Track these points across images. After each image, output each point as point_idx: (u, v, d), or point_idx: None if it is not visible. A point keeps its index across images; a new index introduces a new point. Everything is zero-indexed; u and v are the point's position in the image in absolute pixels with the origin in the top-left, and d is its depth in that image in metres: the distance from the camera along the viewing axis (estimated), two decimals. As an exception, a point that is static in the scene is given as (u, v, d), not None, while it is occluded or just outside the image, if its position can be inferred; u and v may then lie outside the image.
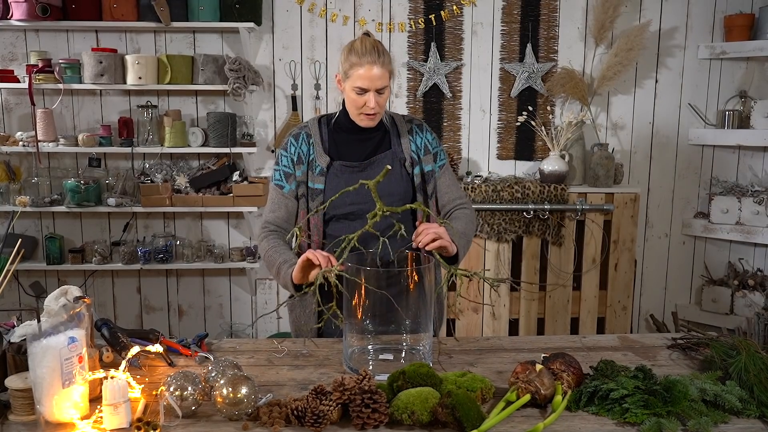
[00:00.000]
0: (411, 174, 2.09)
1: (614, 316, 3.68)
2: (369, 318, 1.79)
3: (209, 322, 3.97)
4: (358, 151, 2.07)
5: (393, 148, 2.08)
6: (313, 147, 2.07)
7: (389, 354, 1.84)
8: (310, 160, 2.06)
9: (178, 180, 3.60)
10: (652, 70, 3.81)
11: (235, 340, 2.03)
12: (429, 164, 2.12)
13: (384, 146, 2.09)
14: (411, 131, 2.13)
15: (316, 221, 2.06)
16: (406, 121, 2.14)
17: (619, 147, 3.85)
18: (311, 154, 2.07)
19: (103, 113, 3.72)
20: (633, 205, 3.59)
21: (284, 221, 2.08)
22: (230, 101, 3.73)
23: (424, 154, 2.11)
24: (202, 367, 1.73)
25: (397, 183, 2.06)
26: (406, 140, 2.09)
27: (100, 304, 3.90)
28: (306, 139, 2.08)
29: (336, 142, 2.10)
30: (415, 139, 2.11)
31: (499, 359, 1.88)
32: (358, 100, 1.95)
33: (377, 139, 2.09)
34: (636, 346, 2.01)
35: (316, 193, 2.05)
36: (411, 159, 2.08)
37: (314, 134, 2.08)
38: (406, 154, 2.09)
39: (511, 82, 3.79)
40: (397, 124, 2.12)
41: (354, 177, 2.01)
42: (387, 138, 2.10)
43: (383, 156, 2.07)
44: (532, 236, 3.57)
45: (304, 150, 2.07)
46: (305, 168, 2.06)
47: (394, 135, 2.10)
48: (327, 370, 1.79)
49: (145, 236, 3.80)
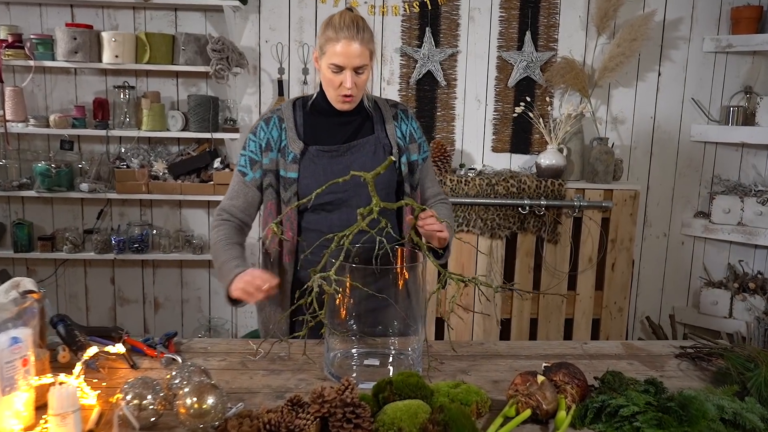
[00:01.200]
0: (398, 163, 1.93)
1: (610, 318, 3.54)
2: (354, 318, 1.64)
3: (187, 315, 3.79)
4: (336, 135, 1.91)
5: (376, 134, 1.93)
6: (285, 132, 1.89)
7: (375, 359, 1.68)
8: (282, 146, 1.89)
9: (156, 166, 3.41)
10: (654, 63, 3.66)
11: (207, 340, 1.86)
12: (414, 154, 1.97)
13: (365, 131, 1.93)
14: (396, 117, 1.98)
15: (290, 213, 1.89)
16: (391, 106, 1.99)
17: (618, 142, 3.70)
18: (283, 140, 1.89)
19: (77, 93, 3.51)
20: (632, 203, 3.44)
21: (240, 211, 1.93)
22: (213, 84, 3.54)
23: (410, 143, 1.97)
24: (168, 371, 1.56)
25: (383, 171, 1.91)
26: (390, 126, 1.95)
27: (71, 295, 3.70)
28: (277, 124, 1.90)
29: (312, 126, 1.92)
30: (400, 125, 1.97)
31: (495, 367, 1.73)
32: (334, 79, 1.79)
33: (358, 122, 1.93)
34: (641, 354, 1.86)
35: (289, 182, 1.88)
36: (398, 146, 1.93)
37: (287, 118, 1.91)
38: (391, 141, 1.93)
39: (508, 72, 3.62)
40: (381, 109, 1.97)
41: (332, 163, 1.86)
42: (369, 122, 1.94)
43: (365, 141, 1.91)
44: (526, 233, 3.41)
45: (274, 135, 1.90)
46: (275, 155, 1.89)
47: (377, 120, 1.95)
48: (306, 377, 1.62)
49: (119, 224, 3.61)
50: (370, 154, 1.90)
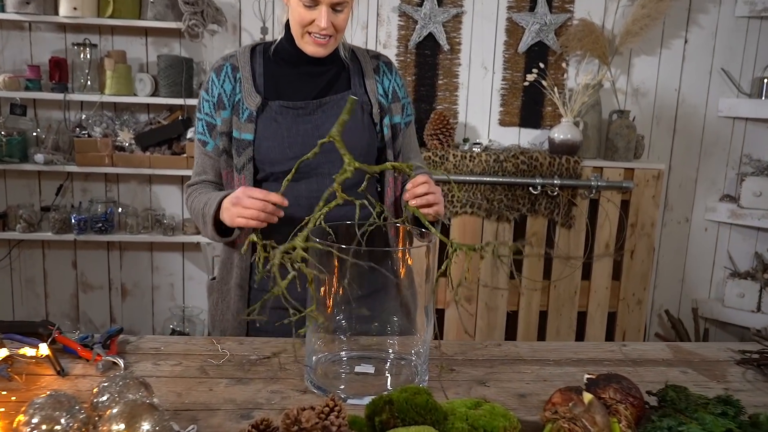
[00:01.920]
0: (379, 125, 1.60)
1: (627, 311, 3.19)
2: (342, 312, 1.28)
3: (158, 304, 3.41)
4: (305, 89, 1.56)
5: (353, 89, 1.59)
6: (240, 84, 1.54)
7: (369, 365, 1.32)
8: (235, 101, 1.54)
9: (121, 135, 3.01)
10: (681, 29, 3.29)
11: (161, 339, 1.49)
12: (397, 115, 1.64)
13: (340, 85, 1.59)
14: (378, 70, 1.63)
15: (242, 182, 1.54)
16: (372, 57, 1.65)
17: (638, 117, 3.34)
18: (237, 94, 1.54)
19: (32, 52, 3.10)
20: (656, 184, 3.09)
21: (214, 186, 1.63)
22: (187, 45, 3.14)
23: (392, 101, 1.63)
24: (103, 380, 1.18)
25: (359, 133, 1.56)
26: (371, 80, 1.61)
27: (27, 280, 3.32)
28: (230, 75, 1.55)
29: (275, 76, 1.57)
30: (382, 80, 1.63)
31: (518, 375, 1.38)
32: (305, 15, 1.46)
33: (331, 75, 1.58)
34: (694, 360, 1.52)
35: (243, 146, 1.53)
36: (379, 105, 1.60)
37: (242, 67, 1.55)
38: (371, 98, 1.59)
39: (518, 36, 3.24)
40: (360, 60, 1.63)
41: (299, 122, 1.53)
42: (345, 75, 1.61)
43: (339, 97, 1.56)
44: (537, 215, 3.05)
45: (227, 89, 1.55)
46: (228, 114, 1.54)
47: (355, 72, 1.61)
48: (281, 388, 1.26)
49: (81, 201, 3.21)
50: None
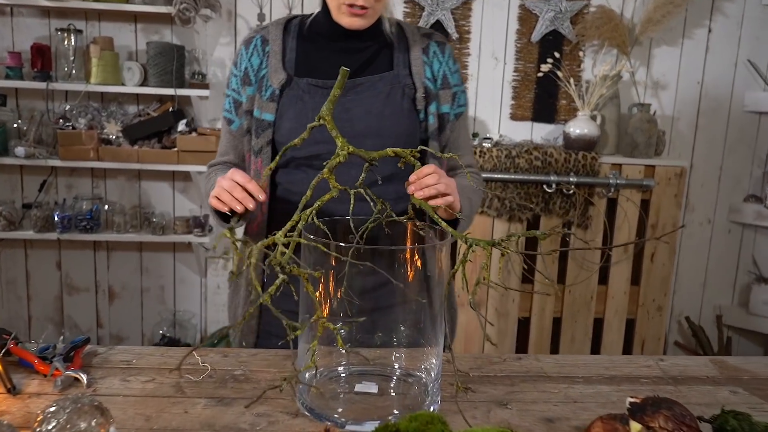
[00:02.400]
0: (424, 112, 1.39)
1: (647, 318, 2.99)
2: (341, 321, 1.08)
3: (147, 308, 3.22)
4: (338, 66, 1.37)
5: (396, 70, 1.39)
6: (268, 59, 1.37)
7: (372, 383, 1.13)
8: (260, 77, 1.37)
9: (108, 127, 2.82)
10: (705, 18, 3.09)
11: (134, 350, 1.30)
12: (446, 104, 1.42)
13: (381, 65, 1.40)
14: (427, 51, 1.42)
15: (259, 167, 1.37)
16: (423, 35, 1.43)
17: (659, 111, 3.14)
18: (263, 69, 1.37)
19: (14, 38, 2.92)
20: (678, 182, 2.89)
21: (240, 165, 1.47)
22: (179, 32, 2.95)
23: (441, 88, 1.41)
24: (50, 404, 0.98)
25: (396, 120, 1.37)
26: (418, 61, 1.40)
27: (8, 281, 3.12)
28: (259, 48, 1.39)
29: (306, 52, 1.39)
30: (431, 62, 1.41)
31: (544, 395, 1.18)
32: None
33: (371, 52, 1.40)
34: (743, 377, 1.33)
35: (263, 127, 1.36)
36: (424, 90, 1.38)
37: (272, 40, 1.38)
38: (416, 82, 1.38)
39: (532, 24, 3.05)
40: (408, 37, 1.43)
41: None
42: (387, 54, 1.41)
43: (378, 78, 1.37)
44: (552, 215, 2.85)
45: (254, 63, 1.38)
46: (254, 90, 1.37)
47: (400, 52, 1.41)
48: (269, 410, 1.07)
49: (65, 198, 3.02)
50: (382, 96, 1.36)
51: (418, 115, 1.39)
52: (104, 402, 1.06)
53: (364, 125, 1.34)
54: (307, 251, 1.04)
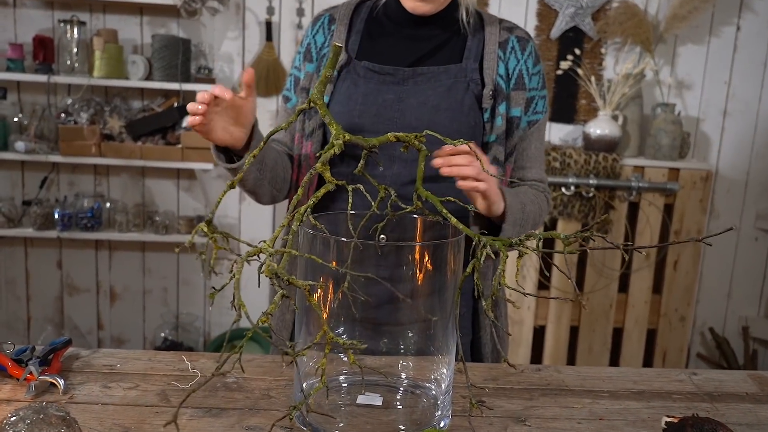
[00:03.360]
0: (490, 111, 1.26)
1: (669, 329, 2.85)
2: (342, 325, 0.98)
3: (149, 310, 3.12)
4: (401, 53, 1.28)
5: (465, 63, 1.28)
6: (332, 37, 1.30)
7: (376, 395, 1.01)
8: (322, 56, 1.32)
9: (110, 123, 2.73)
10: (733, 15, 2.96)
11: (119, 353, 1.19)
12: (518, 107, 1.29)
13: (449, 56, 1.28)
14: (505, 45, 1.30)
15: (308, 150, 1.30)
16: (504, 28, 1.31)
17: (684, 112, 3.01)
18: (326, 48, 1.30)
19: (17, 30, 2.84)
20: (704, 187, 2.76)
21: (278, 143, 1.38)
22: (185, 25, 2.87)
23: (515, 88, 1.28)
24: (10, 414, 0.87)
25: (453, 115, 1.25)
26: (492, 55, 1.28)
27: (8, 281, 3.04)
28: (326, 26, 1.33)
29: (372, 35, 1.31)
30: (507, 58, 1.29)
31: (566, 411, 1.06)
32: None
33: (440, 40, 1.29)
34: (787, 393, 1.19)
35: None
36: (494, 87, 1.26)
37: (340, 19, 1.33)
38: (485, 78, 1.26)
39: (551, 20, 2.93)
40: (485, 28, 1.31)
41: (383, 90, 1.25)
42: (459, 44, 1.29)
43: (442, 70, 1.26)
44: (570, 219, 2.73)
45: (318, 41, 1.32)
46: (314, 69, 1.32)
47: (474, 42, 1.29)
48: (261, 422, 0.97)
49: (66, 195, 2.94)
50: (443, 89, 1.25)
51: (483, 114, 1.26)
52: (80, 411, 0.96)
53: (416, 118, 1.23)
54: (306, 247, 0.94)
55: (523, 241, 0.97)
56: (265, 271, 0.86)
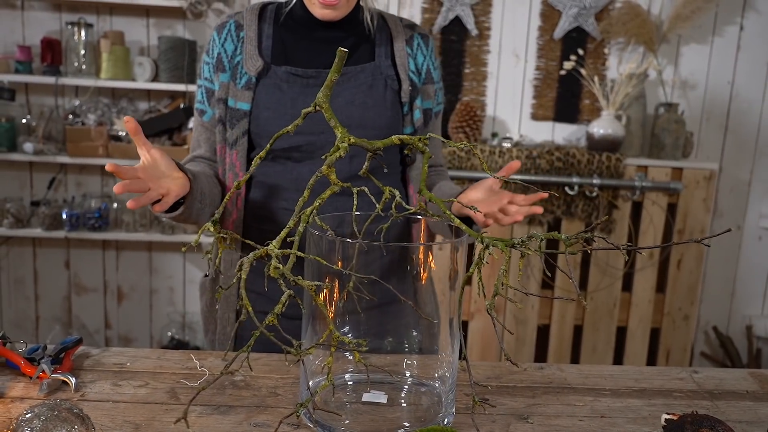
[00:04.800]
0: (409, 105, 1.33)
1: (672, 327, 2.86)
2: (348, 325, 1.01)
3: (156, 309, 3.15)
4: (318, 56, 1.31)
5: (377, 61, 1.34)
6: (243, 45, 1.30)
7: (380, 393, 1.03)
8: (235, 64, 1.29)
9: (118, 124, 2.76)
10: (736, 14, 2.97)
11: (129, 352, 1.21)
12: (429, 100, 1.38)
13: (362, 56, 1.34)
14: (411, 42, 1.37)
15: (233, 160, 1.30)
16: (406, 26, 1.38)
17: (687, 112, 3.02)
18: (238, 56, 1.30)
19: (25, 33, 2.87)
20: (707, 186, 2.76)
21: (202, 159, 1.38)
22: (191, 27, 2.89)
23: (425, 82, 1.37)
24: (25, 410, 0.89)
25: (379, 111, 1.31)
26: (401, 53, 1.36)
27: (16, 280, 3.07)
28: (233, 33, 1.32)
29: (284, 40, 1.33)
30: (415, 54, 1.36)
31: (569, 409, 1.08)
32: None
33: (350, 43, 1.34)
34: (786, 391, 1.21)
35: (238, 116, 1.28)
36: (410, 83, 1.34)
37: (247, 26, 1.31)
38: (400, 73, 1.33)
39: (554, 20, 2.94)
40: (390, 28, 1.38)
41: (307, 92, 1.28)
42: (368, 45, 1.35)
43: (359, 69, 1.31)
44: (573, 219, 2.74)
45: (228, 50, 1.30)
46: (228, 78, 1.29)
47: (381, 42, 1.36)
48: (269, 419, 0.98)
49: (74, 196, 2.96)
50: (365, 87, 1.31)
51: (402, 108, 1.33)
52: (92, 408, 0.98)
53: (346, 116, 1.27)
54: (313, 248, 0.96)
55: (525, 242, 0.98)
56: (271, 271, 0.88)
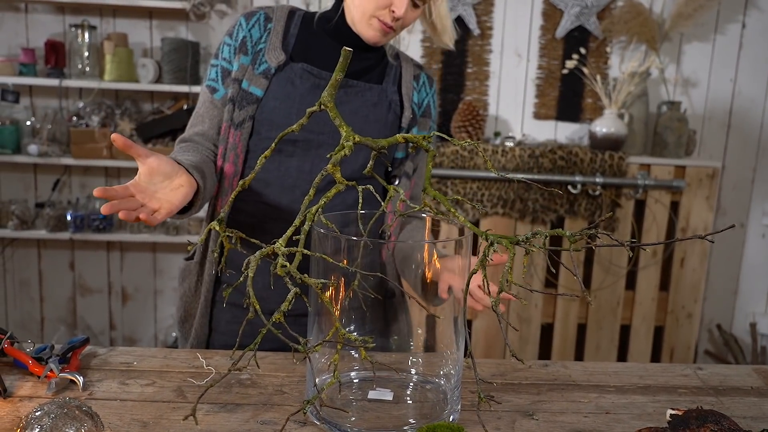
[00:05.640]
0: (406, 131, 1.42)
1: (676, 326, 2.86)
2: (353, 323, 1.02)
3: (161, 309, 3.16)
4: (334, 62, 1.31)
5: (385, 85, 1.41)
6: (269, 35, 1.34)
7: (386, 390, 1.04)
8: (257, 50, 1.35)
9: (121, 125, 2.77)
10: (738, 12, 2.97)
11: (135, 351, 1.22)
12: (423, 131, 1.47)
13: (374, 76, 1.41)
14: (418, 79, 1.46)
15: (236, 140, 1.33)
16: (414, 65, 1.49)
17: (689, 110, 3.02)
18: (261, 44, 1.34)
19: (29, 35, 2.88)
20: (710, 184, 2.76)
21: (207, 139, 1.37)
22: (194, 29, 2.90)
23: (423, 115, 1.45)
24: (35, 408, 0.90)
25: (378, 128, 1.38)
26: (408, 84, 1.44)
27: (21, 282, 3.08)
28: (262, 23, 1.37)
29: (307, 41, 1.37)
30: (419, 89, 1.46)
31: (573, 405, 1.08)
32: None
33: (369, 63, 1.40)
34: (791, 387, 1.21)
35: (249, 100, 1.32)
36: (412, 112, 1.41)
37: (276, 20, 1.37)
38: (404, 101, 1.40)
39: (556, 20, 2.95)
40: (402, 63, 1.46)
41: (317, 92, 1.32)
42: (380, 70, 1.42)
43: (369, 87, 1.38)
44: (577, 218, 2.75)
45: (254, 35, 1.36)
46: (247, 60, 1.34)
47: (392, 72, 1.43)
48: (275, 416, 0.99)
49: (78, 197, 2.98)
50: (370, 104, 1.37)
51: (399, 131, 1.40)
52: (100, 406, 0.99)
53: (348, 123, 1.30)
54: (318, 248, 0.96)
55: (530, 239, 0.99)
56: (278, 269, 0.89)
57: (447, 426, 0.81)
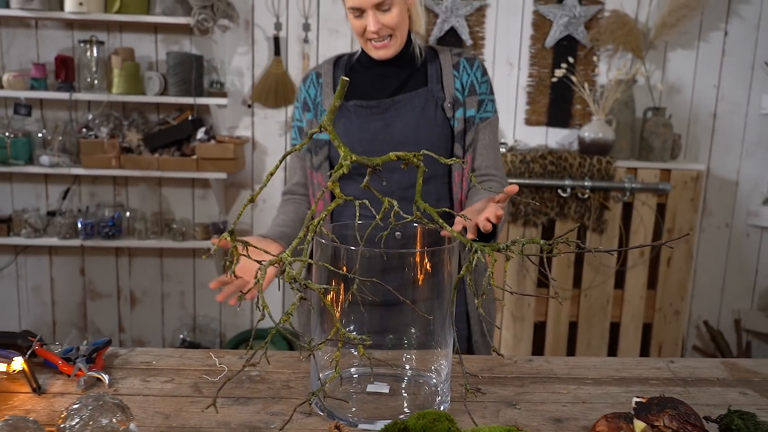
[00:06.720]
0: (452, 118, 1.60)
1: (664, 323, 2.98)
2: (353, 323, 1.12)
3: (168, 313, 3.28)
4: (379, 89, 1.61)
5: (429, 86, 1.61)
6: (322, 88, 1.65)
7: (383, 384, 1.15)
8: (316, 104, 1.65)
9: (129, 136, 2.89)
10: (720, 20, 3.09)
11: (154, 352, 1.33)
12: (472, 108, 1.61)
13: (416, 83, 1.62)
14: (458, 66, 1.63)
15: (320, 180, 1.62)
16: (454, 54, 1.66)
17: (675, 115, 3.13)
18: (319, 97, 1.65)
19: (39, 50, 3.00)
20: (694, 186, 2.88)
21: (303, 186, 1.70)
22: (198, 42, 3.02)
23: (468, 95, 1.61)
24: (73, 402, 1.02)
25: (430, 128, 1.58)
26: (449, 77, 1.62)
27: (34, 287, 3.20)
28: (314, 81, 1.66)
29: (352, 81, 1.58)
30: (461, 75, 1.63)
31: (553, 396, 1.20)
32: (357, 25, 1.54)
33: (406, 74, 1.61)
34: (754, 378, 1.33)
35: (320, 145, 1.61)
36: (453, 99, 1.62)
37: (325, 73, 1.66)
38: (447, 94, 1.59)
39: (546, 30, 3.06)
40: (440, 58, 1.65)
41: (371, 120, 1.57)
42: (421, 73, 1.63)
43: (414, 95, 1.59)
44: (567, 220, 2.86)
45: (311, 94, 1.66)
46: (312, 115, 1.66)
47: (432, 70, 1.63)
48: (282, 408, 1.10)
49: (88, 206, 3.09)
50: (418, 109, 1.59)
51: (449, 122, 1.58)
52: (125, 401, 1.11)
53: (402, 136, 1.55)
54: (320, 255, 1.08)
55: (509, 247, 1.10)
56: (285, 276, 1.01)
57: (435, 413, 0.93)
